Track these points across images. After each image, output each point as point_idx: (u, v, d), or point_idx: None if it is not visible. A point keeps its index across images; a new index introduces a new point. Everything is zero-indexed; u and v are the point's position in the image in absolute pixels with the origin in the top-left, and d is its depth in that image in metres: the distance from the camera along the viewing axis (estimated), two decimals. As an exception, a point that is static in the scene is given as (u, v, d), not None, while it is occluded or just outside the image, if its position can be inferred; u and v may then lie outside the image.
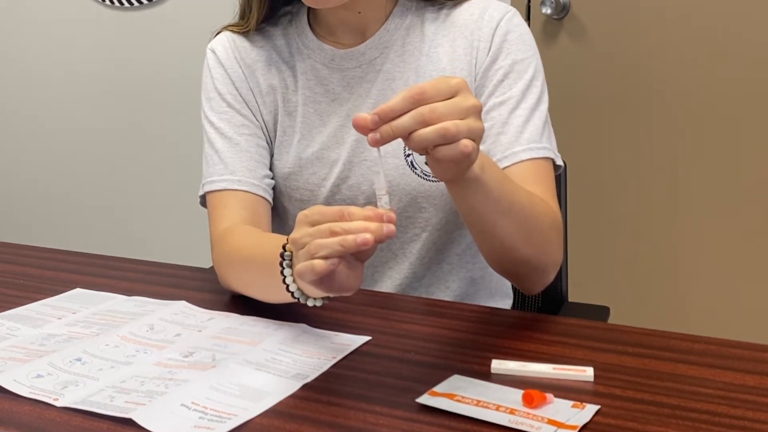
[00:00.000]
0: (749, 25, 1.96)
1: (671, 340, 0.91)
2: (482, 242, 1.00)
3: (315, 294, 0.84)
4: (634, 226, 2.14)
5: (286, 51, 1.19)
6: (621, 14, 2.07)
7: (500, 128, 1.09)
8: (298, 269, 0.78)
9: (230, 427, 0.72)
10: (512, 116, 1.09)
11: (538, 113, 1.10)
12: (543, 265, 1.03)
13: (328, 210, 0.78)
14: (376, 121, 0.76)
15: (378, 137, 0.76)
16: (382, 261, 1.18)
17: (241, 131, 1.16)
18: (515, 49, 1.12)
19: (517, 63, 1.11)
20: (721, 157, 2.03)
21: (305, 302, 0.86)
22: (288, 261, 0.85)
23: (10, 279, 1.17)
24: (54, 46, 2.73)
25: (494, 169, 0.92)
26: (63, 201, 2.85)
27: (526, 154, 1.08)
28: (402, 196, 1.13)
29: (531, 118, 1.09)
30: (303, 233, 0.78)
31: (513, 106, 1.09)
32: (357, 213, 0.76)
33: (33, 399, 0.78)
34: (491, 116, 1.10)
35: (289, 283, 0.85)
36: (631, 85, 2.09)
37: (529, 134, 1.09)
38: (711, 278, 2.09)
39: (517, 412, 0.72)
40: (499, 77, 1.11)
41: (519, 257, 1.00)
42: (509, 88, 1.10)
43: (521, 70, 1.11)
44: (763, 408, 0.75)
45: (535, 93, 1.11)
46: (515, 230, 0.96)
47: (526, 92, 1.10)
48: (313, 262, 0.75)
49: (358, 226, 0.75)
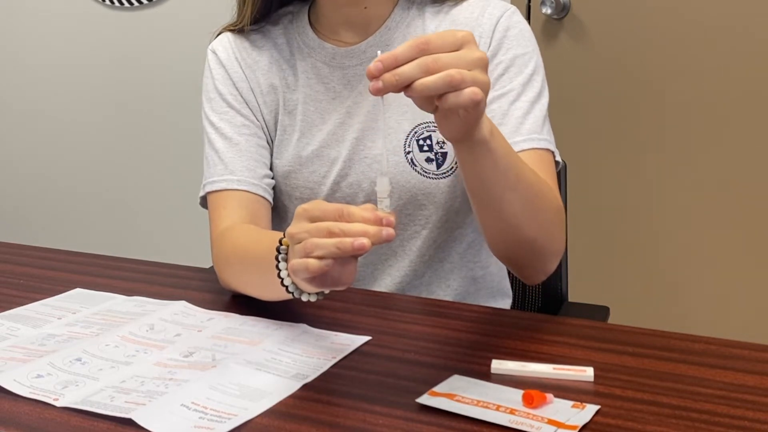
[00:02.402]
0: (749, 24, 1.96)
1: (671, 340, 0.91)
2: (487, 218, 0.98)
3: (309, 289, 0.85)
4: (633, 226, 2.14)
5: (287, 50, 1.19)
6: (621, 14, 2.07)
7: (500, 119, 1.09)
8: (292, 265, 0.78)
9: (230, 427, 0.72)
10: (512, 107, 1.09)
11: (539, 107, 1.11)
12: (546, 251, 1.02)
13: (327, 207, 0.78)
14: (380, 69, 0.75)
15: (380, 85, 0.75)
16: (382, 259, 1.18)
17: (241, 131, 1.16)
18: (515, 44, 1.12)
19: (518, 57, 1.11)
20: (721, 157, 2.03)
21: (299, 296, 0.86)
22: (284, 255, 0.85)
23: (10, 279, 1.17)
24: (54, 46, 2.73)
25: (502, 139, 0.91)
26: (63, 201, 2.85)
27: (527, 144, 1.07)
28: (402, 193, 1.13)
29: (531, 110, 1.09)
30: (300, 228, 0.78)
31: (513, 98, 1.09)
32: (356, 214, 0.76)
33: (33, 399, 0.78)
34: (491, 108, 1.09)
35: (284, 277, 0.85)
36: (631, 85, 2.09)
37: (530, 125, 1.09)
38: (711, 278, 2.09)
39: (517, 412, 0.72)
40: (500, 71, 1.11)
41: (523, 237, 0.98)
42: (509, 81, 1.10)
43: (522, 64, 1.11)
44: (763, 408, 0.75)
45: (535, 87, 1.11)
46: (521, 207, 0.95)
47: (526, 85, 1.10)
48: (307, 260, 0.76)
49: (357, 229, 0.75)
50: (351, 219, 0.76)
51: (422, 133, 1.12)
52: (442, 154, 1.12)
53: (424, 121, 1.12)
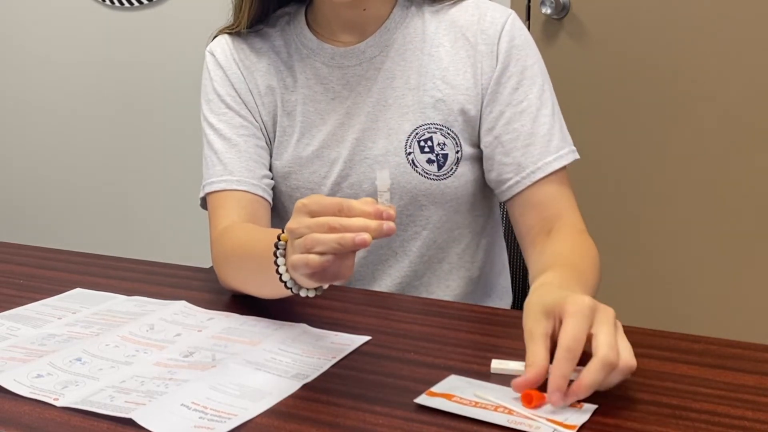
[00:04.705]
0: (749, 24, 1.96)
1: (671, 340, 0.91)
2: None
3: (308, 284, 0.85)
4: (633, 226, 2.14)
5: (285, 51, 1.19)
6: (621, 14, 2.07)
7: (527, 140, 1.10)
8: (292, 261, 0.78)
9: (230, 427, 0.72)
10: (536, 125, 1.11)
11: (557, 117, 1.13)
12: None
13: (326, 201, 0.78)
14: None
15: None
16: (382, 259, 1.18)
17: (240, 132, 1.16)
18: (524, 55, 1.13)
19: (527, 69, 1.13)
20: (721, 157, 2.03)
21: (297, 292, 0.86)
22: (282, 251, 0.85)
23: (10, 279, 1.17)
24: (54, 46, 2.73)
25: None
26: (63, 201, 2.85)
27: (557, 163, 1.10)
28: (403, 194, 1.13)
29: (554, 124, 1.12)
30: (300, 223, 0.78)
31: (534, 114, 1.11)
32: (356, 208, 0.76)
33: (33, 399, 0.78)
34: (514, 128, 1.11)
35: (282, 273, 0.85)
36: (631, 85, 2.09)
37: (557, 142, 1.11)
38: (711, 278, 2.09)
39: (515, 412, 0.72)
40: (513, 84, 1.12)
41: None
42: (525, 95, 1.12)
43: (532, 75, 1.12)
44: (763, 408, 0.75)
45: (549, 97, 1.13)
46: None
47: (541, 97, 1.12)
48: (308, 256, 0.76)
49: (357, 224, 0.75)
50: (351, 213, 0.76)
51: (423, 135, 1.12)
52: (443, 155, 1.12)
53: (425, 123, 1.12)
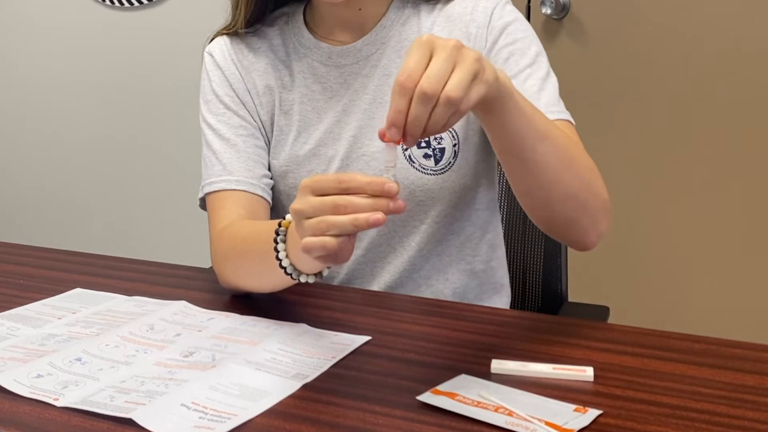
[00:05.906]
0: (749, 24, 1.96)
1: (671, 340, 0.91)
2: (524, 179, 0.95)
3: (307, 270, 0.85)
4: (634, 226, 2.14)
5: (283, 51, 1.19)
6: (621, 14, 2.07)
7: None
8: (305, 243, 0.78)
9: (230, 427, 0.72)
10: (525, 86, 1.08)
11: (551, 84, 1.10)
12: (591, 205, 0.99)
13: (326, 178, 0.78)
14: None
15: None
16: (381, 255, 1.18)
17: (238, 132, 1.16)
18: (513, 29, 1.12)
19: (518, 41, 1.12)
20: (721, 157, 2.03)
21: (297, 278, 0.86)
22: (282, 237, 0.85)
23: (10, 279, 1.17)
24: (53, 46, 2.73)
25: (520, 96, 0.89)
26: (63, 201, 2.85)
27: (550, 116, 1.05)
28: (400, 190, 1.13)
29: (544, 87, 1.09)
30: (306, 204, 0.79)
31: (524, 78, 1.09)
32: (356, 179, 0.77)
33: (33, 399, 0.78)
34: None
35: (282, 258, 0.86)
36: (630, 85, 2.09)
37: (547, 99, 1.08)
38: (711, 278, 2.09)
39: (515, 414, 0.72)
40: (504, 56, 1.11)
41: (565, 192, 0.96)
42: (516, 64, 1.10)
43: (524, 47, 1.11)
44: (763, 408, 0.75)
45: (543, 67, 1.11)
46: (556, 158, 0.93)
47: (533, 65, 1.10)
48: (324, 239, 0.76)
49: (366, 203, 0.76)
50: (351, 184, 0.77)
51: None
52: (440, 149, 1.12)
53: None
